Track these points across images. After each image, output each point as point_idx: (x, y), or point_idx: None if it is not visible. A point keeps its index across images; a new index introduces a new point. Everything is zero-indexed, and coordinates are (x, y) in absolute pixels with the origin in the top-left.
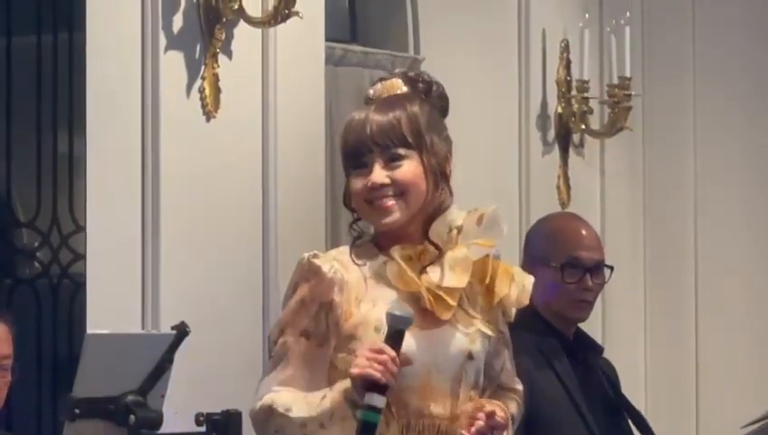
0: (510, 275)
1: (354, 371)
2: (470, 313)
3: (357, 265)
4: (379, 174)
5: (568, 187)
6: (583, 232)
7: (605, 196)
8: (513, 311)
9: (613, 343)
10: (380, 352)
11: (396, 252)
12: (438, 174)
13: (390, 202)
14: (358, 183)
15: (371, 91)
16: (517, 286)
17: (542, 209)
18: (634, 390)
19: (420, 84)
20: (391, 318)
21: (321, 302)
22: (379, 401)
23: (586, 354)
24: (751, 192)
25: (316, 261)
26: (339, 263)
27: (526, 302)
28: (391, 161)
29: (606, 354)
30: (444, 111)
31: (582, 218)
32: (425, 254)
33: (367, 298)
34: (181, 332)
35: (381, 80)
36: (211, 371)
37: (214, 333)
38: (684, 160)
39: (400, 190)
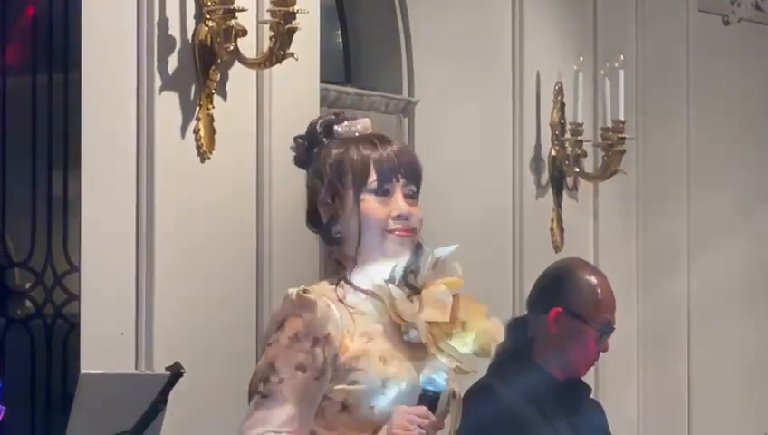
0: (483, 312)
1: (398, 432)
2: (445, 350)
3: (341, 301)
4: (406, 206)
5: (561, 229)
6: (613, 295)
7: (598, 239)
8: (493, 347)
9: (606, 389)
10: (424, 415)
11: (384, 287)
12: None
13: (409, 233)
14: (380, 209)
15: (354, 127)
16: (492, 323)
17: (536, 252)
18: (625, 434)
19: None
20: (430, 382)
21: (315, 337)
22: None
23: (575, 395)
24: (744, 236)
25: (309, 296)
26: (327, 298)
27: (501, 338)
28: (407, 198)
29: (598, 398)
30: None
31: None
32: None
33: (358, 333)
34: (175, 372)
35: (340, 118)
36: (205, 411)
37: (208, 373)
38: (677, 204)
39: (413, 227)
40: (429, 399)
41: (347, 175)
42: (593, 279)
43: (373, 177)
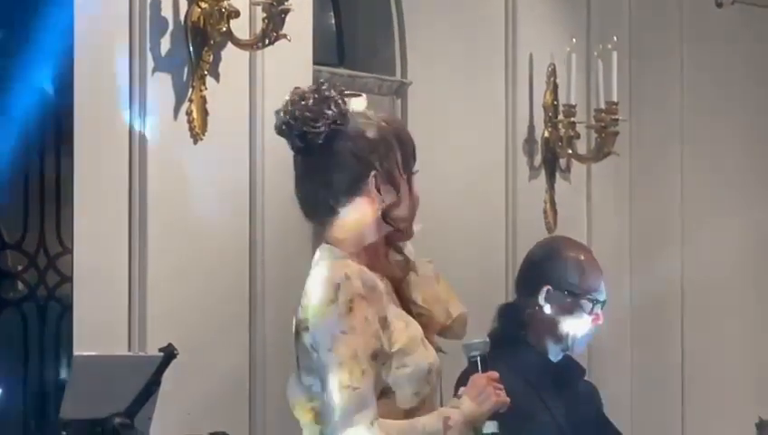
0: (455, 295)
1: (497, 399)
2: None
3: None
4: None
5: (555, 211)
6: (599, 266)
7: (591, 220)
8: (464, 331)
9: (600, 369)
10: (498, 379)
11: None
12: None
13: None
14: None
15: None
16: (462, 306)
17: (530, 233)
18: (619, 414)
19: None
20: (474, 347)
21: (380, 317)
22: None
23: (571, 377)
24: (736, 216)
25: (370, 275)
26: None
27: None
28: None
29: (592, 379)
30: None
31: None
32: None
33: (395, 314)
34: (168, 354)
35: (349, 95)
36: (198, 392)
37: (201, 355)
38: (670, 185)
39: None
40: (480, 362)
41: (403, 155)
42: (578, 253)
43: (414, 159)
